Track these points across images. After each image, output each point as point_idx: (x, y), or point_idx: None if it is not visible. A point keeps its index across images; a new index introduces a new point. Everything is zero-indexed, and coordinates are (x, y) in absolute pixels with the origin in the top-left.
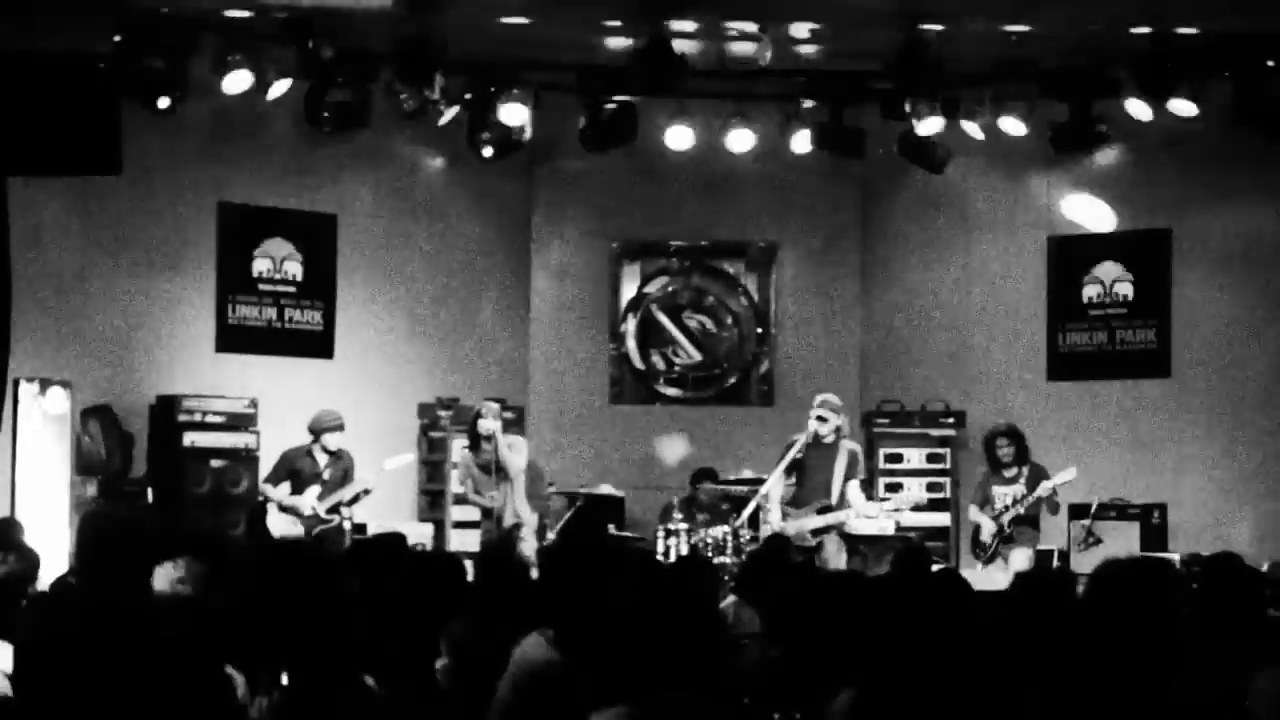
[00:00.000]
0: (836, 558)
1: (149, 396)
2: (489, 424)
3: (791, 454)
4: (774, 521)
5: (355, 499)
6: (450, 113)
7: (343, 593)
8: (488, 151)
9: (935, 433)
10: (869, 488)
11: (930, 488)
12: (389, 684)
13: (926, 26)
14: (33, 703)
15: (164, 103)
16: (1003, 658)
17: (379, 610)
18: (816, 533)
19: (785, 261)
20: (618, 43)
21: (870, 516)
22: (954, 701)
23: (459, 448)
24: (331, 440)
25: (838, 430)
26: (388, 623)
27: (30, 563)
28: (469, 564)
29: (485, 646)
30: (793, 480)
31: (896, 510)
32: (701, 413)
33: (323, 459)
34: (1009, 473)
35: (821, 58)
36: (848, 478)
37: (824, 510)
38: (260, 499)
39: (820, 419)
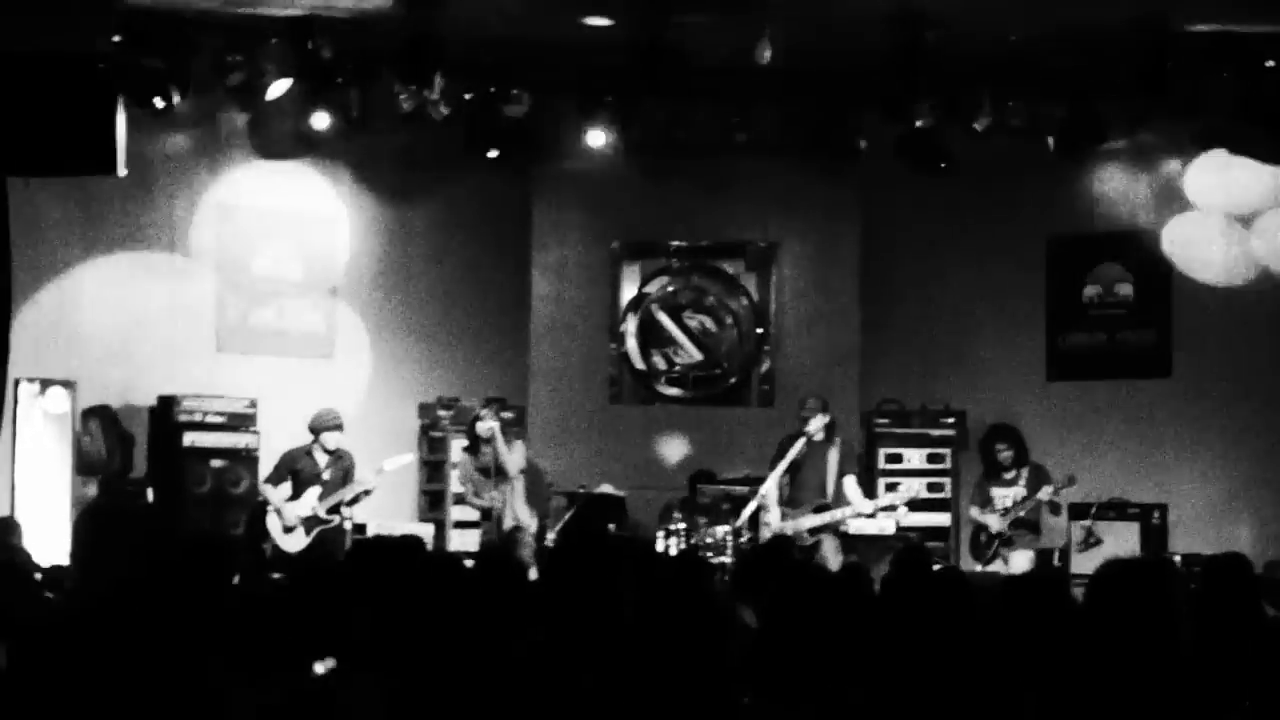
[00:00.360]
0: (834, 556)
1: (149, 396)
2: (487, 425)
3: (792, 454)
4: (772, 522)
5: (355, 499)
6: (450, 112)
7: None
8: (493, 153)
9: (935, 433)
10: (867, 486)
11: (930, 488)
12: (388, 684)
13: (926, 26)
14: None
15: (161, 102)
16: (1001, 657)
17: (382, 611)
18: (814, 531)
19: (785, 261)
20: (618, 43)
21: (868, 515)
22: (955, 701)
23: (458, 449)
24: (330, 439)
25: (827, 427)
26: (389, 623)
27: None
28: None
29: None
30: (787, 480)
31: (893, 506)
32: (701, 413)
33: (323, 459)
34: (1008, 474)
35: (821, 58)
36: (842, 474)
37: (821, 509)
38: (260, 499)
39: (803, 419)
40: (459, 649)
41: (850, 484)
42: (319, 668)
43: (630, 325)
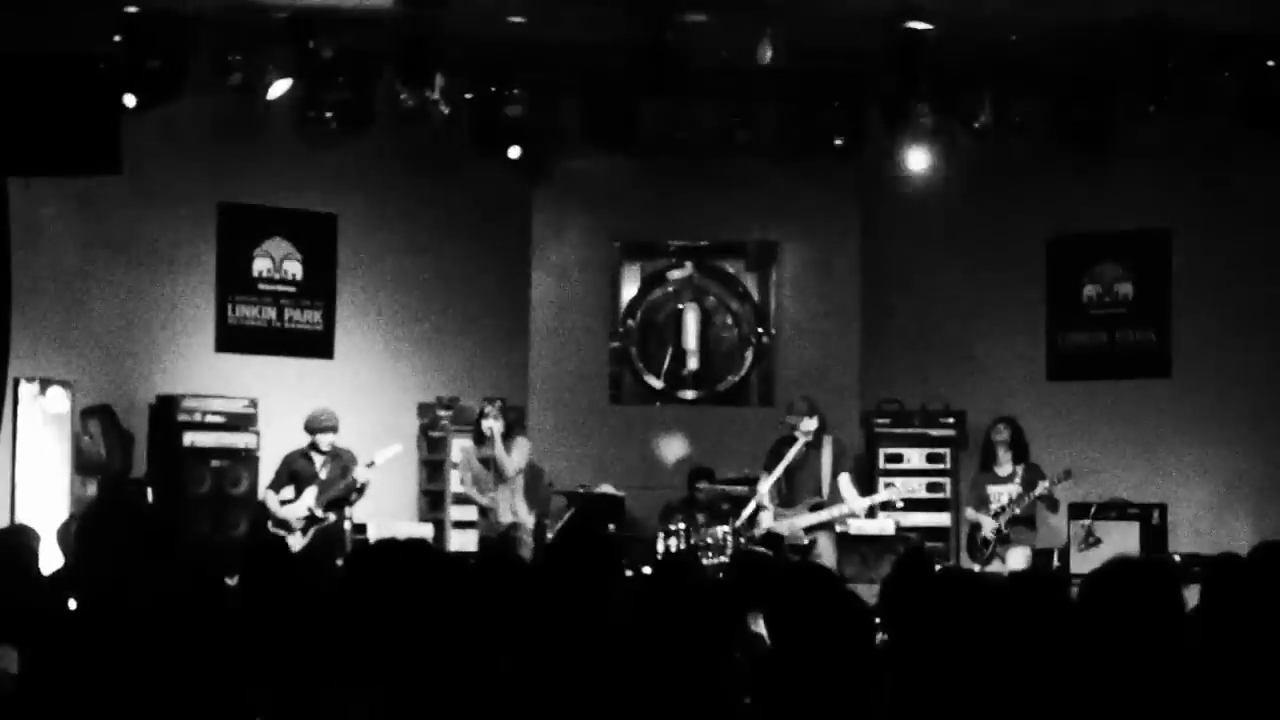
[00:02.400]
0: (830, 555)
1: (149, 396)
2: (490, 424)
3: (789, 458)
4: (767, 522)
5: (351, 495)
6: (450, 112)
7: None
8: (497, 152)
9: (935, 433)
10: (867, 486)
11: (930, 488)
12: (376, 690)
13: (926, 26)
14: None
15: (161, 102)
16: (1004, 657)
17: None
18: (810, 530)
19: (785, 261)
20: (618, 43)
21: (867, 515)
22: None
23: (460, 447)
24: (325, 440)
25: (818, 428)
26: (381, 627)
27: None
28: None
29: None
30: (783, 481)
31: (889, 503)
32: (701, 413)
33: (319, 459)
34: (1003, 471)
35: (821, 58)
36: (836, 471)
37: (816, 508)
38: (260, 502)
39: (790, 424)
40: (453, 651)
41: (845, 482)
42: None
43: (631, 325)
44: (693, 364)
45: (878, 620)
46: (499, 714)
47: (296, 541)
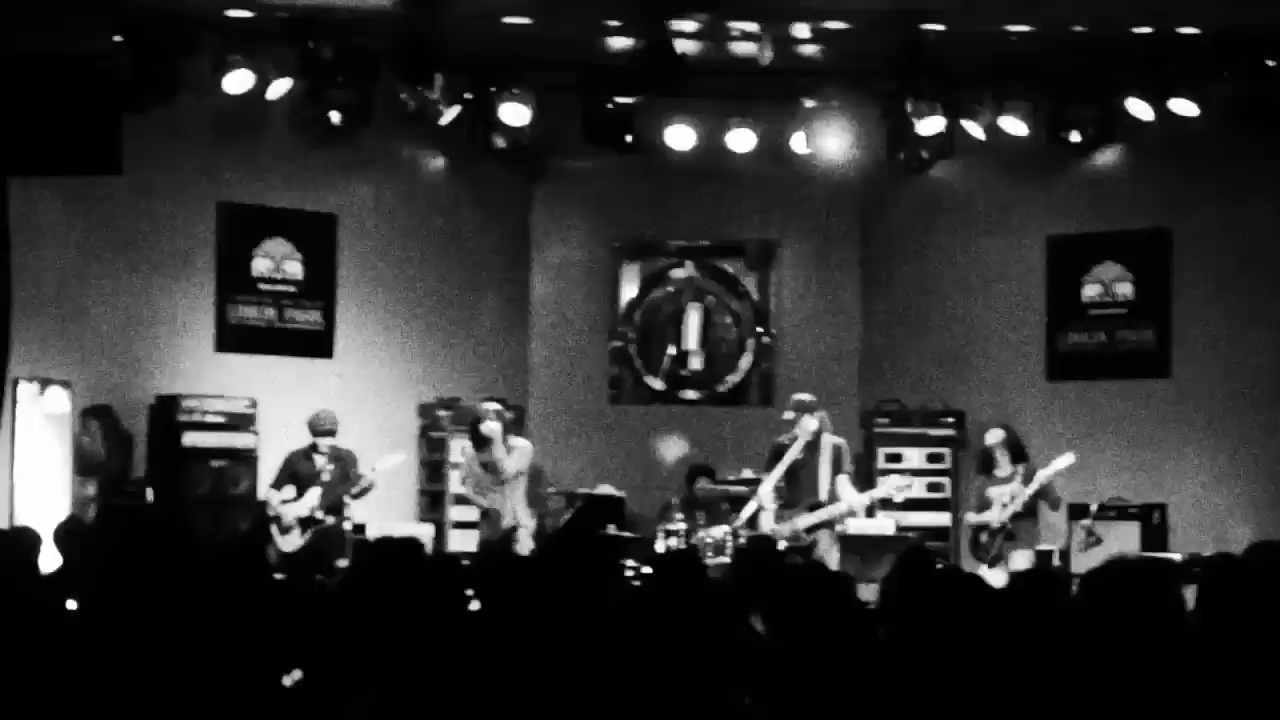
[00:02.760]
0: (831, 554)
1: (149, 396)
2: (489, 426)
3: (791, 456)
4: (767, 523)
5: (359, 494)
6: (450, 113)
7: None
8: (496, 152)
9: (935, 433)
10: (865, 486)
11: (930, 488)
12: (382, 686)
13: (926, 26)
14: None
15: (161, 103)
16: (1003, 656)
17: (380, 612)
18: (810, 530)
19: (785, 261)
20: (618, 43)
21: (867, 512)
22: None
23: (460, 448)
24: (325, 443)
25: (819, 428)
26: (387, 624)
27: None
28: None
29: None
30: (783, 482)
31: (886, 498)
32: (701, 413)
33: (321, 460)
34: (1002, 472)
35: (821, 58)
36: (836, 472)
37: (815, 507)
38: (261, 501)
39: (790, 421)
40: (452, 650)
41: (844, 483)
42: (287, 681)
43: (630, 325)
44: (693, 364)
45: (878, 619)
46: (499, 713)
47: (294, 541)
